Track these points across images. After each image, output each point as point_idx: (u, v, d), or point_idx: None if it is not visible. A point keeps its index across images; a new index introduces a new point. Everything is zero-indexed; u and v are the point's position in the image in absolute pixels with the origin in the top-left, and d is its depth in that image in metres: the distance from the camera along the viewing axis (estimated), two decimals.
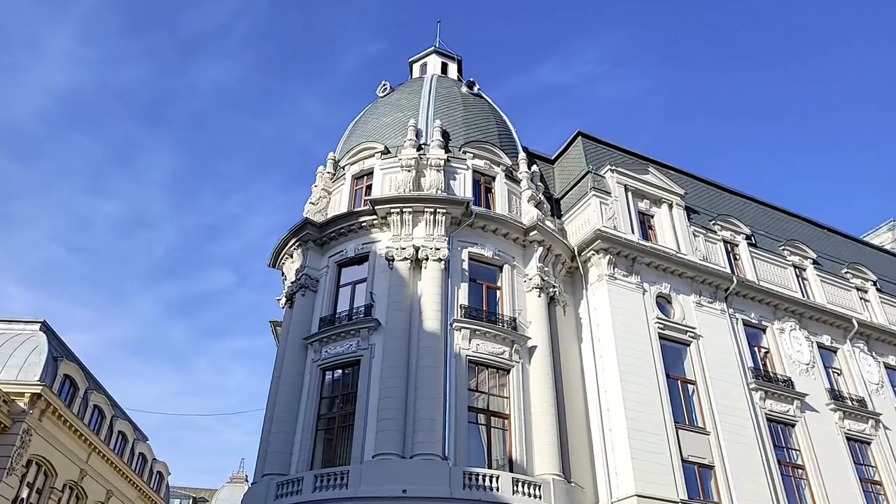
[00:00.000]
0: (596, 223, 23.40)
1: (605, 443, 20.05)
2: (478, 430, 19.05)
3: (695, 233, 25.76)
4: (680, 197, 26.25)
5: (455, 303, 20.36)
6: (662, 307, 23.26)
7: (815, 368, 24.99)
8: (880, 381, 26.33)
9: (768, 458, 21.37)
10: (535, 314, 21.30)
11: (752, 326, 24.90)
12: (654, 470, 19.12)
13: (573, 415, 20.63)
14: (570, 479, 18.87)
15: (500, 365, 19.95)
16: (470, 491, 16.98)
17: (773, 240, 28.71)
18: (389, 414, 17.92)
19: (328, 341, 20.26)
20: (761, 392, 22.86)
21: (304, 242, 22.49)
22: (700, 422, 21.40)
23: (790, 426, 23.04)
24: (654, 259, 23.59)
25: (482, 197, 23.28)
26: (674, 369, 22.22)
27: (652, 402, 20.47)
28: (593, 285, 23.00)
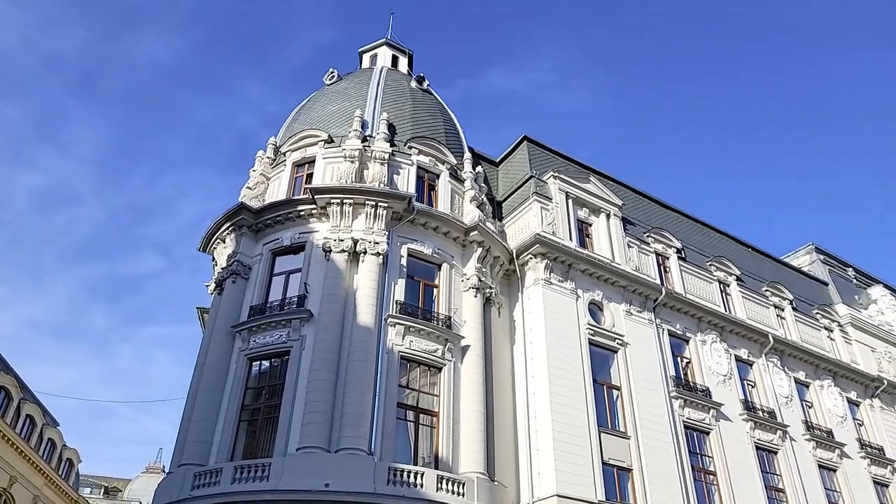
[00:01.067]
0: (536, 228, 23.71)
1: (531, 444, 20.34)
2: (406, 426, 19.01)
3: (629, 243, 26.48)
4: (618, 208, 26.93)
5: (391, 298, 20.24)
6: (594, 314, 23.80)
7: (732, 380, 26.11)
8: (790, 395, 27.75)
9: (683, 464, 22.19)
10: (470, 314, 21.41)
11: (676, 337, 25.79)
12: (576, 471, 19.54)
13: (501, 415, 20.85)
14: (493, 477, 19.06)
15: (432, 363, 19.96)
16: (394, 487, 16.91)
17: (702, 255, 29.84)
18: (317, 407, 17.64)
19: (258, 330, 19.77)
20: (681, 400, 23.71)
21: (238, 228, 21.88)
22: (622, 426, 22.01)
23: (705, 434, 24.00)
24: (590, 267, 24.11)
25: (425, 194, 23.22)
26: (601, 375, 22.77)
27: (578, 406, 20.91)
28: (529, 289, 23.30)
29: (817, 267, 37.17)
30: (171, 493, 17.69)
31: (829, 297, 34.86)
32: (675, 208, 31.87)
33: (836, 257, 39.22)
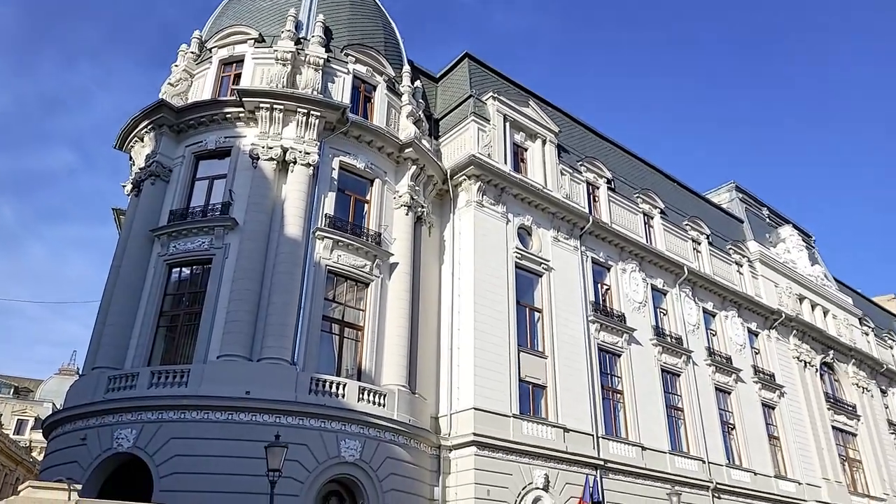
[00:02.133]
0: (472, 149, 23.49)
1: (453, 359, 20.96)
2: (331, 339, 19.15)
3: (562, 171, 26.73)
4: (554, 134, 26.96)
5: (320, 211, 19.84)
6: (522, 238, 24.19)
7: (646, 307, 27.45)
8: (697, 323, 29.52)
9: (594, 383, 23.49)
10: (400, 232, 21.32)
11: (599, 264, 26.68)
12: (493, 387, 20.37)
13: (426, 331, 21.25)
14: (415, 390, 19.62)
15: (359, 278, 19.93)
16: (316, 396, 17.16)
17: (631, 187, 30.56)
18: (239, 316, 17.42)
19: (178, 236, 19.07)
20: (598, 324, 24.82)
21: (157, 127, 20.61)
22: (541, 347, 22.94)
23: (617, 356, 25.37)
24: (522, 192, 24.27)
25: (360, 105, 22.44)
26: (524, 297, 23.43)
27: (500, 326, 21.54)
28: (461, 210, 23.33)
29: (735, 205, 38.86)
30: (84, 395, 17.33)
31: (742, 234, 36.70)
32: (609, 139, 32.24)
33: (753, 197, 41.05)
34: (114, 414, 16.53)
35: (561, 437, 21.40)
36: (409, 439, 18.50)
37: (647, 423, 24.60)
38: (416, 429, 18.76)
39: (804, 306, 36.72)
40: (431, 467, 19.39)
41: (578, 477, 21.09)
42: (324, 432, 16.80)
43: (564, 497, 20.51)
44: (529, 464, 20.15)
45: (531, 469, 20.10)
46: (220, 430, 15.93)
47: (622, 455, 23.14)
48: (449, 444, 19.68)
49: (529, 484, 19.87)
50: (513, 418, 20.39)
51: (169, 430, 15.99)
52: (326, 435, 16.83)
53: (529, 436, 20.58)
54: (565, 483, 20.73)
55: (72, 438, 16.91)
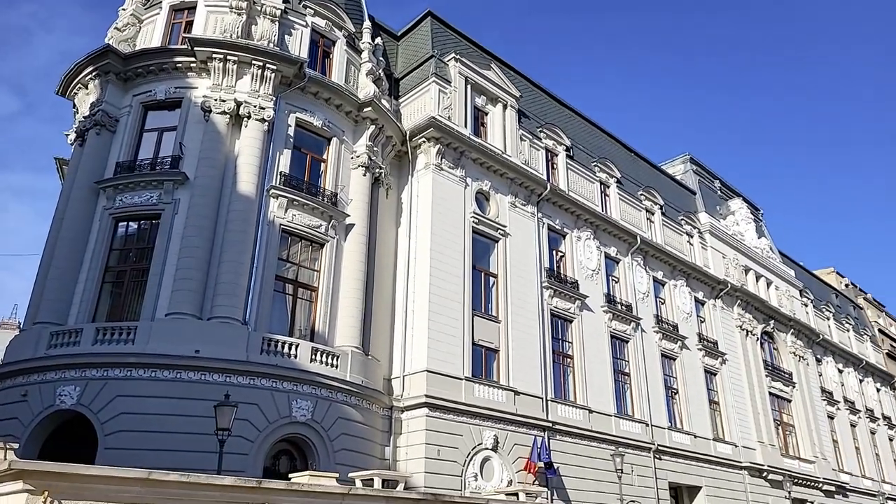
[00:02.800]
0: (432, 111, 23.19)
1: (407, 322, 21.01)
2: (284, 299, 18.93)
3: (522, 136, 26.69)
4: (515, 99, 26.81)
5: (275, 169, 19.38)
6: (480, 203, 24.19)
7: (599, 275, 27.96)
8: (647, 292, 30.27)
9: (546, 347, 23.94)
10: (357, 192, 21.04)
11: (555, 231, 26.95)
12: (447, 350, 20.55)
13: (381, 294, 21.21)
14: (368, 352, 19.64)
15: (314, 238, 19.66)
16: (267, 356, 17.00)
17: (589, 155, 30.77)
18: (189, 274, 17.01)
19: (125, 189, 18.39)
20: (551, 290, 25.19)
21: (103, 73, 19.64)
22: (495, 311, 23.18)
23: (569, 322, 25.87)
24: (482, 156, 24.17)
25: (319, 61, 21.81)
26: (480, 262, 23.55)
27: (455, 290, 21.64)
28: (419, 172, 23.13)
29: (689, 176, 39.63)
30: (25, 350, 16.78)
31: (694, 206, 37.53)
32: (569, 106, 32.27)
33: (707, 169, 41.92)
34: (56, 370, 16.07)
35: (511, 400, 21.82)
36: (361, 400, 18.58)
37: (594, 388, 25.29)
38: (369, 390, 18.85)
39: (749, 277, 38.01)
40: (383, 427, 19.57)
41: (527, 438, 21.62)
42: (275, 392, 16.72)
43: (513, 457, 21.02)
44: (480, 425, 20.53)
45: (481, 430, 20.49)
46: (168, 389, 15.67)
47: (570, 418, 23.78)
48: (401, 405, 19.86)
49: (479, 445, 20.27)
50: (465, 381, 20.66)
51: (114, 387, 15.65)
52: (278, 395, 16.75)
53: (481, 398, 20.91)
54: (514, 444, 21.22)
55: (12, 394, 16.41)
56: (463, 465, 19.66)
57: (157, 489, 6.93)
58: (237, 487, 7.60)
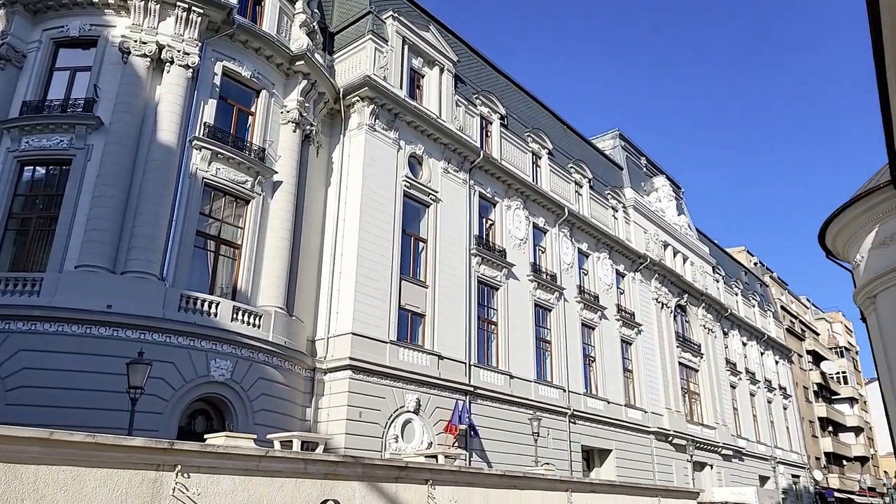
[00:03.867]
0: (367, 69, 22.61)
1: (333, 284, 20.77)
2: (205, 256, 18.28)
3: (458, 102, 26.49)
4: (453, 64, 26.51)
5: (199, 119, 18.47)
6: (413, 167, 23.97)
7: (527, 244, 28.43)
8: (572, 263, 31.07)
9: (471, 314, 24.26)
10: (286, 149, 20.40)
11: (485, 199, 27.10)
12: (373, 313, 20.48)
13: (307, 254, 20.81)
14: (292, 312, 19.31)
15: (240, 194, 18.98)
16: (185, 314, 16.43)
17: (522, 125, 30.94)
18: (102, 225, 16.09)
19: (32, 131, 17.10)
20: (479, 258, 25.42)
21: (10, 3, 18.01)
22: (423, 276, 23.22)
23: (495, 289, 26.26)
24: (416, 119, 23.85)
25: (249, 8, 20.74)
26: (410, 226, 23.44)
27: (384, 253, 21.50)
28: (352, 132, 22.64)
29: (618, 152, 40.59)
30: None
31: (621, 181, 38.56)
32: (506, 74, 32.22)
33: (634, 146, 43.04)
34: None
35: (435, 364, 22.06)
36: (283, 361, 18.31)
37: (516, 354, 25.91)
38: (292, 351, 18.58)
39: (667, 252, 39.63)
40: (305, 389, 19.42)
41: (449, 402, 21.98)
42: (192, 351, 16.21)
43: (434, 420, 21.35)
44: (403, 388, 20.68)
45: (404, 393, 20.66)
46: (76, 345, 14.89)
47: (491, 382, 24.32)
48: (324, 367, 19.72)
49: (401, 407, 20.45)
50: (390, 344, 20.70)
51: (17, 341, 14.73)
52: (195, 354, 16.26)
53: (405, 362, 21.04)
54: (436, 407, 21.54)
55: None
56: (384, 427, 19.81)
57: (60, 450, 6.58)
58: (147, 448, 7.33)
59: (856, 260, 20.22)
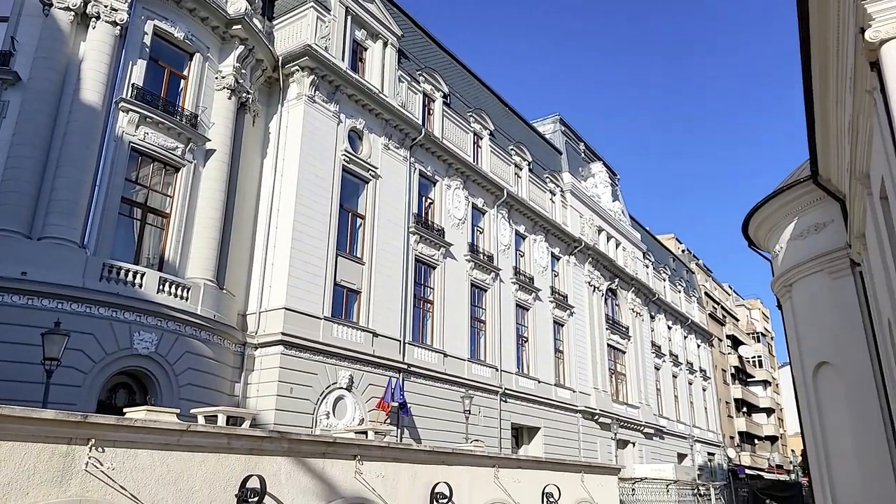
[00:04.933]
0: (308, 38, 22.01)
1: (267, 257, 20.32)
2: (131, 224, 17.52)
3: (400, 78, 26.17)
4: (397, 38, 26.11)
5: (126, 80, 17.54)
6: (353, 141, 23.59)
7: (465, 224, 28.56)
8: (509, 244, 31.44)
9: (407, 292, 24.25)
10: (220, 116, 19.68)
11: (425, 178, 27.00)
12: (307, 289, 20.18)
13: (240, 225, 20.25)
14: (223, 285, 18.80)
15: (169, 161, 18.21)
16: (108, 284, 15.72)
17: (465, 104, 30.90)
18: (17, 187, 15.15)
19: None
20: (418, 236, 25.37)
21: None
22: (359, 252, 23.01)
23: (432, 268, 26.31)
24: (357, 93, 23.43)
25: None
26: (349, 202, 23.13)
27: (320, 228, 21.16)
28: (291, 102, 22.05)
29: (557, 137, 41.15)
30: None
31: (559, 165, 39.17)
32: (450, 52, 32.02)
33: (574, 131, 43.72)
34: None
35: (370, 342, 21.98)
36: (212, 335, 17.83)
37: (451, 333, 26.12)
38: (221, 325, 18.11)
39: (601, 237, 40.64)
40: (234, 364, 19.00)
41: (382, 379, 21.98)
42: (115, 322, 15.56)
43: (366, 397, 21.32)
44: (336, 365, 20.54)
45: (337, 370, 20.52)
46: None
47: (425, 360, 24.45)
48: (255, 341, 19.34)
49: (334, 384, 20.32)
50: (324, 320, 20.47)
51: None
52: (118, 325, 15.62)
53: (339, 338, 20.87)
54: (369, 384, 21.50)
55: None
56: (316, 403, 19.65)
57: None
58: (58, 422, 7.00)
59: (775, 250, 21.26)
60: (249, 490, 8.58)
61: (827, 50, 11.66)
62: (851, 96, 10.95)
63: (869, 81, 9.31)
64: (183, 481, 8.10)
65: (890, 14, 8.40)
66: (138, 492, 7.59)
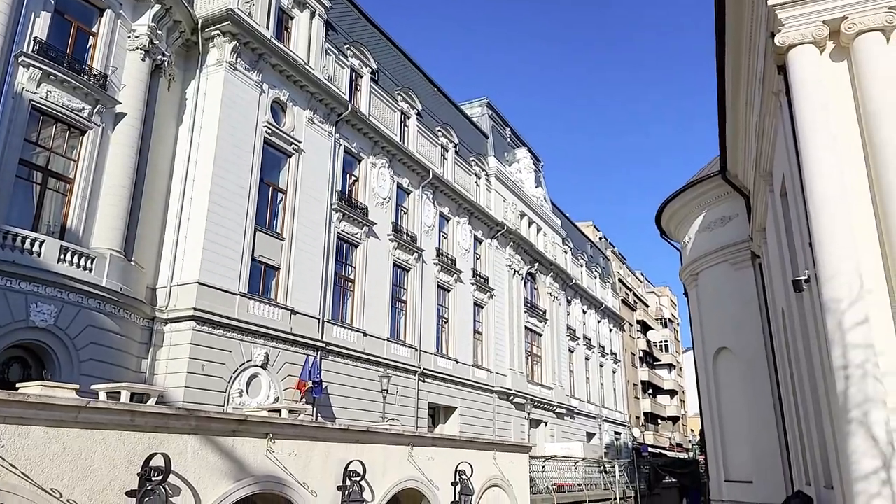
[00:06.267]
0: (230, 1, 21.04)
1: (180, 229, 19.47)
2: (31, 189, 16.33)
3: (328, 51, 25.53)
4: (325, 9, 25.40)
5: (28, 33, 16.21)
6: (276, 113, 22.87)
7: (390, 204, 28.36)
8: (433, 225, 31.51)
9: (328, 269, 23.90)
10: (132, 78, 18.55)
11: (350, 154, 26.56)
12: (223, 263, 19.52)
13: (152, 195, 19.27)
14: (131, 257, 17.87)
15: (74, 122, 17.03)
16: (2, 251, 14.62)
17: (393, 82, 30.53)
18: None
19: None
20: (340, 213, 24.99)
21: None
22: (279, 228, 22.44)
23: (354, 246, 26.03)
24: (282, 63, 22.67)
25: None
26: (269, 175, 22.47)
27: (238, 201, 20.46)
28: (210, 68, 21.08)
29: (484, 121, 41.41)
30: None
31: (485, 149, 39.48)
32: (380, 28, 31.48)
33: (501, 116, 44.12)
34: None
35: (287, 319, 21.56)
36: (117, 308, 16.96)
37: (371, 312, 25.99)
38: (128, 298, 17.25)
39: (523, 222, 41.41)
40: (142, 339, 18.19)
41: (300, 357, 21.64)
42: (9, 292, 14.52)
43: (282, 375, 20.95)
44: (251, 342, 20.04)
45: (252, 347, 20.03)
46: None
47: (344, 339, 24.25)
48: (165, 317, 18.57)
49: (248, 361, 19.84)
50: (240, 296, 19.89)
51: None
52: (12, 296, 14.58)
53: (255, 315, 20.36)
54: (285, 362, 21.13)
55: None
56: (228, 381, 19.14)
57: None
58: None
59: (685, 240, 22.35)
60: (153, 469, 8.26)
61: (740, 51, 12.21)
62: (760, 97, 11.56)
63: (776, 84, 9.85)
64: (80, 460, 7.69)
65: (798, 21, 8.88)
66: (30, 470, 7.15)
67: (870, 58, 8.61)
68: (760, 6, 9.73)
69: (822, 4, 8.79)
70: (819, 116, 8.70)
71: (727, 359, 19.97)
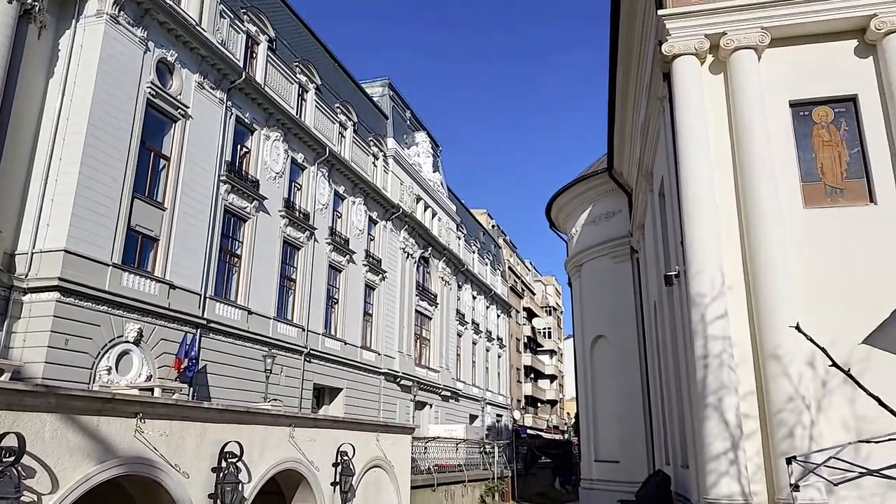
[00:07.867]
0: None
1: (46, 191, 17.84)
2: None
3: (222, 13, 24.19)
4: None
5: None
6: (162, 74, 21.42)
7: (283, 179, 27.46)
8: (327, 204, 30.88)
9: (213, 243, 22.83)
10: None
11: (242, 125, 25.41)
12: (94, 231, 18.14)
13: (14, 152, 17.52)
14: None
15: None
16: None
17: (292, 53, 29.47)
18: None
19: None
20: (229, 186, 23.91)
21: None
22: (161, 197, 21.15)
23: (243, 221, 25.01)
24: (170, 21, 21.22)
25: None
26: (152, 140, 21.07)
27: (115, 165, 19.05)
28: (88, 19, 19.37)
29: (385, 101, 40.98)
30: None
31: (385, 130, 39.12)
32: None
33: (402, 98, 43.83)
34: None
35: (165, 294, 20.43)
36: None
37: (258, 289, 25.15)
38: None
39: (419, 206, 41.54)
40: None
41: (177, 334, 20.60)
42: None
43: (157, 352, 19.86)
44: (123, 317, 18.82)
45: (124, 322, 18.82)
46: None
47: (227, 317, 23.33)
48: (24, 285, 17.02)
49: (119, 337, 18.63)
50: (112, 267, 18.58)
51: None
52: None
53: (129, 288, 19.11)
54: (161, 339, 20.03)
55: None
56: (96, 357, 17.89)
57: None
58: None
59: (572, 233, 23.32)
60: (5, 449, 7.54)
61: (631, 55, 12.82)
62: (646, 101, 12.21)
63: (661, 90, 10.43)
64: None
65: (684, 32, 9.43)
66: None
67: (743, 72, 9.29)
68: (652, 15, 10.24)
69: (705, 19, 9.38)
70: (697, 123, 9.31)
71: (603, 347, 21.14)
